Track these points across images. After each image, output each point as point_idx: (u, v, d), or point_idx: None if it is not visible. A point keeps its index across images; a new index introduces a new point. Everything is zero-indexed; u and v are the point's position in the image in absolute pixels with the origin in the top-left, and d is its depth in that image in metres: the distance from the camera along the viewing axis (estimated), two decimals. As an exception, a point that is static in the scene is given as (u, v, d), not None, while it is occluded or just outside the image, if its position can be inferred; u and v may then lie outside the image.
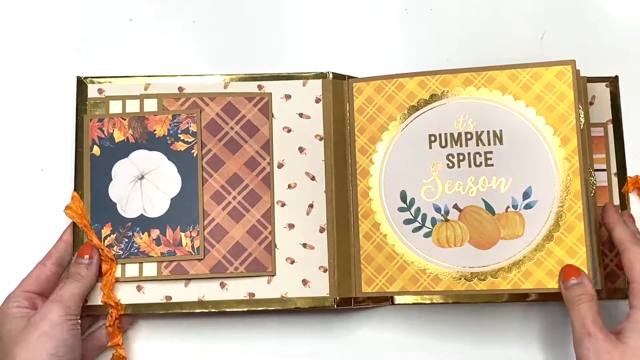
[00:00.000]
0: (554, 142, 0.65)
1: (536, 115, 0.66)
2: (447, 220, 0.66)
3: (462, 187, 0.67)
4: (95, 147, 0.69)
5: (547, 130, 0.66)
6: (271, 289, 0.67)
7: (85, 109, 0.70)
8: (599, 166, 0.70)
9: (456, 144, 0.67)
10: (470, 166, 0.67)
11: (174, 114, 0.69)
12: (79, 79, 0.70)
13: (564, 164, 0.65)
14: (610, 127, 0.71)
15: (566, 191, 0.65)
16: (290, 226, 0.69)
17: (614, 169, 0.70)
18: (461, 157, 0.67)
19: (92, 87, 0.70)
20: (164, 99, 0.70)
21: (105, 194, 0.68)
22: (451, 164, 0.67)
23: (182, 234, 0.68)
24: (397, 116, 0.69)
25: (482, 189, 0.66)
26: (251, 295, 0.67)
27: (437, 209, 0.67)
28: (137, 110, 0.70)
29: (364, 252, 0.68)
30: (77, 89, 0.70)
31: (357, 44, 0.75)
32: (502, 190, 0.66)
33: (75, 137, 0.69)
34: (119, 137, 0.69)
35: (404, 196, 0.68)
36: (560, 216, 0.65)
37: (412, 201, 0.67)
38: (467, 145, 0.67)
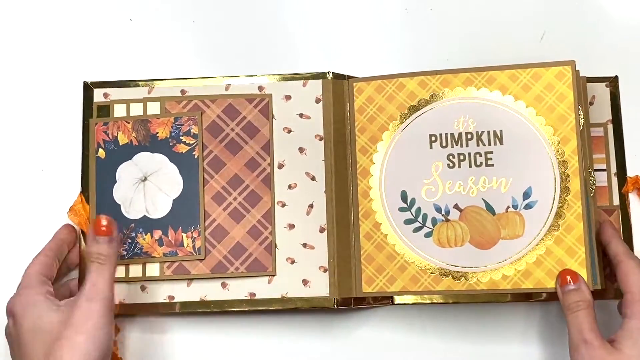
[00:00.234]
0: (554, 142, 0.65)
1: (536, 115, 0.66)
2: (447, 220, 0.67)
3: (462, 187, 0.67)
4: (100, 150, 0.70)
5: (547, 130, 0.66)
6: (272, 289, 0.68)
7: (91, 112, 0.71)
8: (598, 166, 0.70)
9: (457, 144, 0.67)
10: (470, 166, 0.67)
11: (175, 117, 0.70)
12: (86, 83, 0.71)
13: (563, 164, 0.65)
14: (610, 127, 0.70)
15: (566, 191, 0.65)
16: (290, 226, 0.69)
17: (613, 169, 0.70)
18: (462, 157, 0.67)
19: (97, 92, 0.71)
20: (166, 101, 0.71)
21: (109, 196, 0.69)
22: (452, 164, 0.67)
23: (183, 234, 0.68)
24: (398, 116, 0.69)
25: (483, 189, 0.66)
26: (252, 295, 0.68)
27: (438, 209, 0.67)
28: (140, 113, 0.71)
29: (364, 252, 0.68)
30: (83, 93, 0.71)
31: (357, 44, 0.75)
32: (503, 190, 0.66)
33: (82, 141, 0.70)
34: (123, 140, 0.70)
35: (404, 196, 0.68)
36: (560, 216, 0.65)
37: (413, 201, 0.68)
38: (467, 145, 0.67)
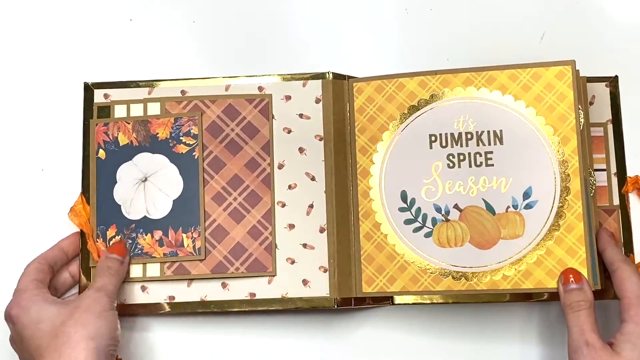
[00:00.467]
0: (554, 142, 0.65)
1: (536, 115, 0.66)
2: (447, 220, 0.67)
3: (462, 187, 0.67)
4: (100, 150, 0.70)
5: (547, 130, 0.66)
6: (272, 289, 0.68)
7: (91, 113, 0.71)
8: (598, 166, 0.70)
9: (456, 144, 0.67)
10: (470, 166, 0.67)
11: (176, 117, 0.70)
12: (86, 84, 0.71)
13: (563, 164, 0.65)
14: (610, 127, 0.70)
15: (566, 191, 0.65)
16: (290, 226, 0.69)
17: (613, 169, 0.70)
18: (461, 157, 0.67)
19: (98, 92, 0.71)
20: (166, 102, 0.71)
21: (110, 197, 0.69)
22: (451, 164, 0.67)
23: (183, 235, 0.68)
24: (398, 116, 0.69)
25: (483, 189, 0.66)
26: (252, 295, 0.68)
27: (438, 209, 0.67)
28: (140, 114, 0.71)
29: (364, 252, 0.68)
30: (84, 94, 0.71)
31: (357, 44, 0.75)
32: (503, 190, 0.66)
33: (82, 141, 0.70)
34: (123, 141, 0.70)
35: (404, 196, 0.68)
36: (560, 216, 0.65)
37: (413, 201, 0.68)
38: (467, 145, 0.67)
